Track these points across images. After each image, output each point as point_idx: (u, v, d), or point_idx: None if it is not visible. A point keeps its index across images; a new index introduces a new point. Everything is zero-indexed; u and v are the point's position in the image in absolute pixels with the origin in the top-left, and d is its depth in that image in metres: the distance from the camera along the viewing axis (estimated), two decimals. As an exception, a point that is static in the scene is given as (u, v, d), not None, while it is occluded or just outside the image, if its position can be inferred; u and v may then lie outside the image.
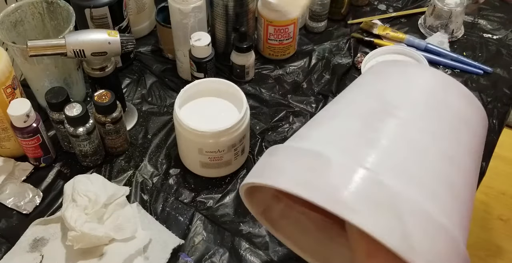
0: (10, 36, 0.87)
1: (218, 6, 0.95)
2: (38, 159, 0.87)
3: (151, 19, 1.07)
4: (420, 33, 1.11)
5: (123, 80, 1.01)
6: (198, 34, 0.89)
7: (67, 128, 0.81)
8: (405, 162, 0.51)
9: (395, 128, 0.54)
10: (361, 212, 0.47)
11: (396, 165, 0.51)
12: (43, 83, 0.90)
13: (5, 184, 0.85)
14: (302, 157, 0.52)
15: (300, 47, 1.07)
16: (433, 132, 0.54)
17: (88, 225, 0.74)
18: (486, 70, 1.03)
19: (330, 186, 0.49)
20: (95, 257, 0.76)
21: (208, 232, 0.81)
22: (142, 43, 1.08)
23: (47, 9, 0.89)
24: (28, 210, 0.83)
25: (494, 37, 1.10)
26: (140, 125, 0.95)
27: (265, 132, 0.94)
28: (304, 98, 0.99)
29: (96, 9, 0.91)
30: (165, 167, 0.89)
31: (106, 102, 0.81)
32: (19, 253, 0.78)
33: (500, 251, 1.54)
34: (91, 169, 0.88)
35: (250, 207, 0.66)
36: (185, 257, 0.79)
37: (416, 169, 0.51)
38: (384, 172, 0.50)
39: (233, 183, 0.87)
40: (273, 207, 0.69)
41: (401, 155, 0.52)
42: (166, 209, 0.84)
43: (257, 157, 0.90)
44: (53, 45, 0.79)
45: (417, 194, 0.49)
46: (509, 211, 1.62)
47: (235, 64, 0.98)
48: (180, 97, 0.81)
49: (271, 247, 0.80)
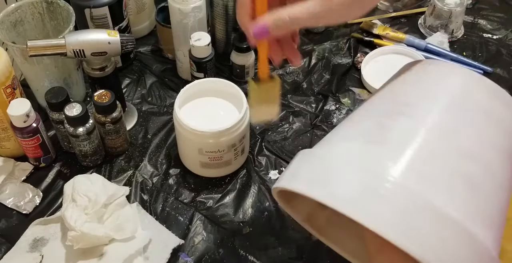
0: (10, 36, 0.87)
1: (218, 6, 0.95)
2: (38, 159, 0.87)
3: (151, 19, 1.07)
4: (420, 33, 1.10)
5: (123, 80, 1.01)
6: (198, 34, 0.89)
7: (67, 128, 0.81)
8: (416, 161, 0.51)
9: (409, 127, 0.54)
10: (363, 208, 0.47)
11: (409, 164, 0.51)
12: (43, 83, 0.90)
13: (5, 184, 0.85)
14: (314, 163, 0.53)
15: (300, 47, 1.07)
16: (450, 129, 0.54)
17: (88, 225, 0.74)
18: (486, 70, 1.03)
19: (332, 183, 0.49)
20: (95, 257, 0.76)
21: (208, 232, 0.81)
22: (142, 43, 1.08)
23: (47, 9, 0.89)
24: (28, 210, 0.83)
25: (494, 37, 1.10)
26: (140, 125, 0.95)
27: (265, 132, 0.94)
28: (304, 98, 0.99)
29: (96, 9, 0.91)
30: (165, 167, 0.89)
31: (106, 102, 0.81)
32: (19, 253, 0.78)
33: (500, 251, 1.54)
34: (91, 169, 0.88)
35: (292, 214, 0.66)
36: (185, 257, 0.79)
37: (428, 167, 0.51)
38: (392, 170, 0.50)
39: (233, 183, 0.87)
40: (318, 214, 0.68)
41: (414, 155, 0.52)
42: (166, 209, 0.84)
43: (257, 157, 0.90)
44: (53, 45, 0.79)
45: (426, 189, 0.49)
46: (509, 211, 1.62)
47: (235, 64, 0.98)
48: (180, 97, 0.81)
49: (271, 247, 0.80)
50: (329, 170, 0.52)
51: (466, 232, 0.48)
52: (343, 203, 0.48)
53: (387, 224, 0.46)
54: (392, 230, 0.46)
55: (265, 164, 0.89)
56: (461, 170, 0.51)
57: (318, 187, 0.51)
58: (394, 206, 0.47)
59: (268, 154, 0.91)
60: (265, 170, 0.89)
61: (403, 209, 0.47)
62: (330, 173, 0.51)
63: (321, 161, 0.54)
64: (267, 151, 0.91)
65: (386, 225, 0.46)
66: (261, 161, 0.90)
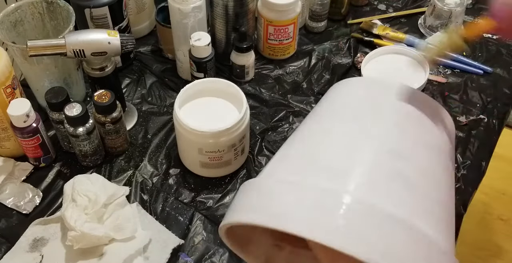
0: (10, 36, 0.87)
1: (218, 6, 0.95)
2: (38, 159, 0.87)
3: (151, 19, 1.07)
4: (420, 33, 1.10)
5: (123, 80, 1.01)
6: (198, 34, 0.89)
7: (67, 128, 0.81)
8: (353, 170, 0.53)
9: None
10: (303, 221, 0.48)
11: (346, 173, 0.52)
12: (43, 83, 0.90)
13: (5, 184, 0.85)
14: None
15: (300, 47, 1.07)
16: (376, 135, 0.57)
17: (88, 225, 0.74)
18: (486, 70, 1.03)
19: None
20: (95, 257, 0.76)
21: (208, 232, 0.81)
22: (142, 43, 1.08)
23: (47, 9, 0.89)
24: (28, 210, 0.83)
25: (494, 37, 1.10)
26: (140, 125, 0.95)
27: (265, 132, 0.94)
28: (304, 98, 0.99)
29: (96, 9, 0.91)
30: (165, 167, 0.89)
31: (106, 102, 0.81)
32: (19, 253, 0.78)
33: (500, 251, 1.54)
34: (91, 169, 0.88)
35: (249, 260, 0.66)
36: (185, 257, 0.79)
37: (366, 173, 0.52)
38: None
39: (233, 183, 0.87)
40: (276, 257, 0.68)
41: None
42: (166, 209, 0.84)
43: (257, 157, 0.90)
44: (53, 45, 0.79)
45: (357, 188, 0.50)
46: (509, 211, 1.62)
47: (235, 64, 0.98)
48: (180, 97, 0.81)
49: (271, 247, 0.80)
50: (269, 195, 0.52)
51: (410, 229, 0.49)
52: (281, 221, 0.49)
53: (331, 233, 0.47)
54: (336, 238, 0.46)
55: (265, 164, 0.89)
56: (394, 170, 0.53)
57: (258, 212, 0.52)
58: (335, 216, 0.48)
59: (268, 154, 0.91)
60: (265, 170, 0.89)
61: (343, 216, 0.48)
62: (270, 197, 0.52)
63: (261, 188, 0.54)
64: (267, 151, 0.91)
65: (329, 234, 0.47)
66: (261, 161, 0.90)
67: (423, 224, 0.49)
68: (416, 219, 0.49)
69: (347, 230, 0.47)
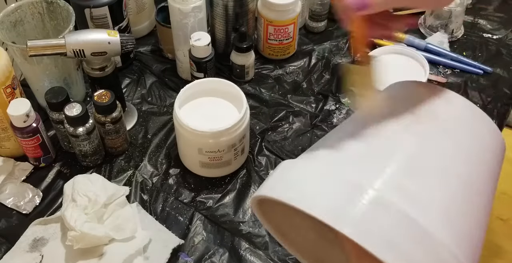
0: (10, 36, 0.87)
1: (218, 6, 0.95)
2: (38, 159, 0.87)
3: (151, 19, 1.07)
4: (420, 33, 1.10)
5: (123, 80, 1.01)
6: (198, 34, 0.89)
7: (67, 128, 0.81)
8: (396, 175, 0.52)
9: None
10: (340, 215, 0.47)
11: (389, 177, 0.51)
12: (43, 83, 0.90)
13: (5, 184, 0.85)
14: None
15: (300, 47, 1.07)
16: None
17: (88, 225, 0.74)
18: (486, 70, 1.03)
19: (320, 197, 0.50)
20: (95, 257, 0.76)
21: (208, 232, 0.81)
22: (142, 43, 1.08)
23: (47, 9, 0.89)
24: (28, 210, 0.83)
25: (494, 37, 1.10)
26: (140, 125, 0.95)
27: (265, 132, 0.94)
28: (304, 98, 0.99)
29: (96, 9, 0.91)
30: (165, 167, 0.89)
31: (106, 102, 0.81)
32: (19, 253, 0.78)
33: (500, 251, 1.54)
34: (91, 169, 0.88)
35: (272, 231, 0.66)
36: (185, 257, 0.79)
37: (408, 180, 0.51)
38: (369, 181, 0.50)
39: (233, 183, 0.87)
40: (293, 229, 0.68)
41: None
42: (166, 209, 0.84)
43: (257, 157, 0.90)
44: (53, 45, 0.79)
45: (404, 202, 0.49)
46: (509, 211, 1.62)
47: (235, 64, 0.98)
48: (180, 97, 0.81)
49: (271, 247, 0.80)
50: (307, 182, 0.52)
51: (442, 246, 0.48)
52: (319, 210, 0.49)
53: (362, 232, 0.47)
54: (367, 239, 0.46)
55: (265, 164, 0.89)
56: (441, 185, 0.52)
57: (293, 193, 0.51)
58: (370, 216, 0.48)
59: (268, 154, 0.91)
60: (265, 170, 0.89)
61: (379, 219, 0.48)
62: (308, 184, 0.52)
63: (301, 173, 0.54)
64: (267, 151, 0.91)
65: (361, 233, 0.46)
66: (261, 161, 0.90)
67: (461, 253, 0.49)
68: (455, 248, 0.49)
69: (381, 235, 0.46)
